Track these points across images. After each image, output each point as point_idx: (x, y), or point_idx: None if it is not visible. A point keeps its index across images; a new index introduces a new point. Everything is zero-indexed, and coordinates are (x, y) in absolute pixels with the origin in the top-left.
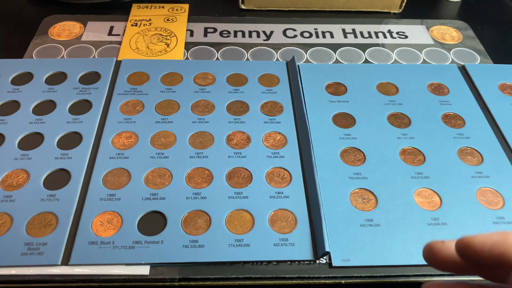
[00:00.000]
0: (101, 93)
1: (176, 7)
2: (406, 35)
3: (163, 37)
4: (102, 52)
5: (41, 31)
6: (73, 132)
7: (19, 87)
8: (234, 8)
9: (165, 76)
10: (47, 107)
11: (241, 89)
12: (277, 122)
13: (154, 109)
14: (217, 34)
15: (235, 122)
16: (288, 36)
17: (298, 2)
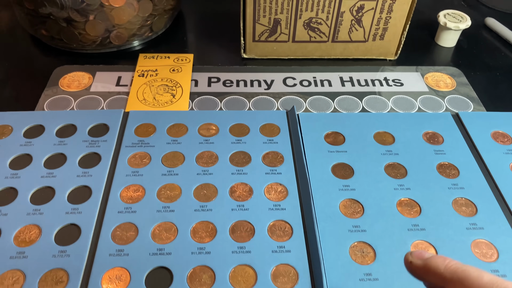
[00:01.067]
0: (109, 146)
1: (181, 57)
2: (402, 83)
3: (169, 88)
4: (111, 103)
5: (52, 82)
6: (83, 186)
7: (31, 140)
8: (236, 57)
9: (171, 127)
10: (58, 161)
11: (243, 140)
12: (278, 173)
13: (160, 161)
14: (220, 84)
15: (238, 173)
16: (288, 85)
17: (297, 51)
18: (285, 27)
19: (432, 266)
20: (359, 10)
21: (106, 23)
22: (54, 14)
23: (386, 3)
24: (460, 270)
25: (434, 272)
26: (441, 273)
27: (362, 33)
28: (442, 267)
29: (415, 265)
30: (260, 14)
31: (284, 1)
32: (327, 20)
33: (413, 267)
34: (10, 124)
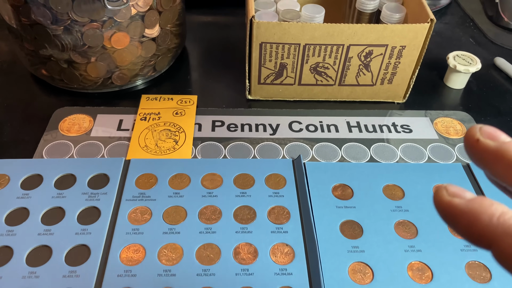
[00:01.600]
0: (109, 199)
1: (184, 99)
2: (411, 129)
3: (171, 133)
4: (111, 149)
5: (51, 126)
6: (81, 245)
7: (29, 192)
8: (241, 98)
9: (173, 178)
10: (56, 216)
11: (248, 192)
12: (285, 231)
13: (161, 218)
14: (225, 128)
15: (242, 231)
16: (294, 130)
17: (303, 94)
18: (291, 71)
19: (510, 153)
20: (368, 55)
21: (108, 64)
22: (55, 56)
23: (395, 49)
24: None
25: (510, 163)
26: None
27: (369, 77)
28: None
29: (484, 145)
30: (266, 59)
31: (291, 47)
32: (334, 65)
33: (480, 147)
34: (7, 173)
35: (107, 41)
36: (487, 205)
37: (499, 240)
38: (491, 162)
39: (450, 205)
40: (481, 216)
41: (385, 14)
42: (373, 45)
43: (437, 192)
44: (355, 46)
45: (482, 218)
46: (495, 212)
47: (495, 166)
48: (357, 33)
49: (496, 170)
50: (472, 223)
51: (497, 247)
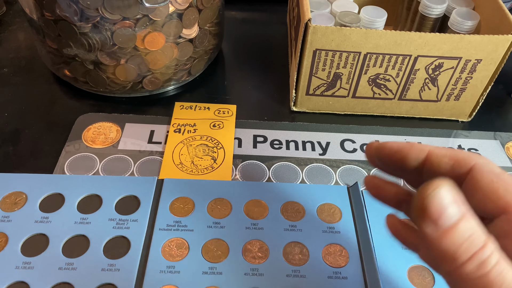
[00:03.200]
0: (140, 228)
1: (222, 109)
2: (479, 153)
3: (209, 149)
4: (142, 166)
5: (74, 135)
6: (107, 285)
7: (49, 216)
8: (284, 109)
9: (212, 204)
10: (80, 246)
11: (298, 226)
12: (344, 277)
13: (200, 253)
14: (268, 145)
15: (294, 275)
16: (347, 150)
17: (356, 107)
18: (346, 82)
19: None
20: (436, 68)
21: (140, 67)
22: (80, 56)
23: (469, 63)
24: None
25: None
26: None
27: (435, 92)
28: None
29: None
30: (319, 68)
31: (349, 56)
32: (396, 77)
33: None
34: (24, 191)
35: (139, 42)
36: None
37: (433, 151)
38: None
39: (388, 146)
40: (413, 143)
41: (455, 21)
42: (445, 58)
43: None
44: (424, 58)
45: (415, 144)
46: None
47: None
48: (428, 43)
49: None
50: (411, 147)
51: (434, 156)
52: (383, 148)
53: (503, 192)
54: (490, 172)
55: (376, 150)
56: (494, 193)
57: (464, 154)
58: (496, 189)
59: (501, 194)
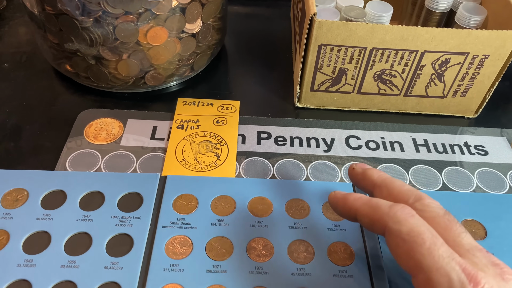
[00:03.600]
0: (143, 225)
1: (226, 105)
2: (486, 151)
3: (212, 146)
4: (144, 162)
5: (76, 131)
6: (111, 283)
7: (51, 213)
8: (288, 106)
9: (216, 201)
10: (82, 243)
11: (303, 223)
12: (349, 275)
13: (204, 251)
14: (272, 141)
15: (299, 273)
16: (352, 146)
17: (362, 103)
18: (351, 77)
19: (368, 173)
20: (443, 64)
21: (142, 62)
22: (82, 51)
23: (477, 58)
24: (388, 180)
25: (369, 177)
26: (374, 179)
27: (441, 88)
28: (375, 175)
29: (356, 171)
30: (324, 63)
31: (355, 51)
32: (402, 73)
33: (353, 172)
34: (26, 188)
35: (142, 37)
36: (353, 194)
37: (359, 209)
38: (359, 180)
39: (334, 197)
40: (349, 199)
41: (462, 16)
42: (452, 53)
43: (330, 194)
44: (431, 53)
45: (349, 199)
46: (357, 195)
47: (362, 182)
48: (435, 38)
49: (362, 183)
50: (345, 203)
51: (358, 213)
52: (329, 200)
53: (405, 257)
54: (397, 236)
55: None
56: (400, 258)
57: (380, 215)
58: (400, 254)
59: (404, 260)
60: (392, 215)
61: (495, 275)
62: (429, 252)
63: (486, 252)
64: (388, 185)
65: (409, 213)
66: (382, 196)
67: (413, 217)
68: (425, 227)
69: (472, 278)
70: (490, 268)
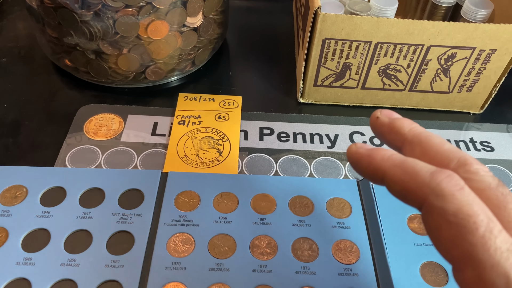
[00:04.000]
0: (145, 223)
1: (228, 100)
2: (492, 147)
3: (214, 142)
4: (145, 159)
5: (75, 126)
6: (111, 281)
7: (50, 210)
8: (290, 101)
9: (218, 198)
10: (82, 241)
11: (307, 221)
12: (354, 274)
13: (207, 249)
14: (274, 137)
15: (303, 272)
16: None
17: (366, 99)
18: (355, 72)
19: (397, 125)
20: (449, 59)
21: (142, 57)
22: (82, 45)
23: (483, 53)
24: (423, 135)
25: (397, 130)
26: (404, 133)
27: (447, 83)
28: (407, 129)
29: (381, 121)
30: (328, 58)
31: (360, 45)
32: (407, 68)
33: (378, 123)
34: (25, 184)
35: (142, 30)
36: (381, 150)
37: (387, 171)
38: (386, 133)
39: (356, 153)
40: (376, 156)
41: (468, 10)
42: (458, 47)
43: (349, 146)
44: (437, 48)
45: (377, 157)
46: (386, 153)
47: (388, 135)
48: (441, 32)
49: (389, 137)
50: (370, 162)
51: (386, 176)
52: (349, 155)
53: (449, 243)
54: (440, 215)
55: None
56: (441, 243)
57: (418, 183)
58: (443, 239)
59: (447, 247)
60: (434, 186)
61: None
62: (483, 243)
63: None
64: (422, 142)
65: (457, 185)
66: (414, 156)
67: (462, 192)
68: (478, 206)
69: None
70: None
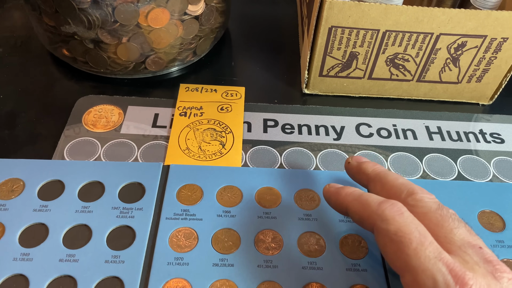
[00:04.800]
0: (146, 217)
1: (230, 91)
2: (502, 139)
3: (217, 134)
4: (146, 151)
5: (74, 118)
6: (112, 278)
7: (48, 204)
8: (295, 92)
9: (221, 191)
10: (81, 236)
11: (313, 215)
12: (363, 269)
13: (210, 244)
14: (279, 129)
15: (310, 267)
16: (363, 134)
17: (372, 89)
18: (362, 62)
19: (363, 167)
20: (459, 48)
21: (142, 46)
22: (80, 34)
23: (495, 41)
24: (382, 173)
25: (363, 171)
26: (368, 173)
27: (456, 73)
28: (370, 169)
29: (351, 165)
30: (334, 47)
31: (367, 34)
32: (416, 57)
33: (349, 166)
34: (22, 177)
35: (142, 19)
36: (346, 188)
37: (349, 204)
38: (355, 174)
39: (328, 191)
40: (341, 193)
41: None
42: (469, 36)
43: (324, 187)
44: (446, 36)
45: (341, 194)
46: (349, 190)
47: (357, 176)
48: (452, 20)
49: (358, 177)
50: (337, 198)
51: (348, 209)
52: (323, 193)
53: (393, 256)
54: (384, 235)
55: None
56: (388, 257)
57: (369, 212)
58: (388, 253)
59: (392, 259)
60: (380, 213)
61: (486, 273)
62: (415, 253)
63: (479, 249)
64: (382, 179)
65: (397, 211)
66: (376, 190)
67: (401, 216)
68: (413, 225)
69: (459, 279)
70: (482, 266)
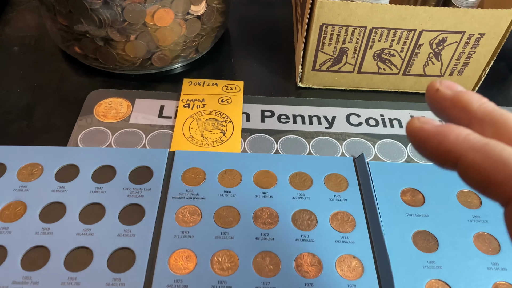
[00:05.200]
0: (154, 196)
1: (230, 85)
2: None
3: (218, 123)
4: (153, 139)
5: (86, 110)
6: (124, 249)
7: (65, 185)
8: (290, 85)
9: (223, 174)
10: (96, 213)
11: (306, 194)
12: (351, 241)
13: (213, 219)
14: (275, 119)
15: (303, 240)
16: (352, 123)
17: (362, 83)
18: (351, 57)
19: (464, 100)
20: (440, 43)
21: (148, 44)
22: (91, 32)
23: (473, 36)
24: (497, 113)
25: (464, 106)
26: (473, 110)
27: (438, 67)
28: (476, 105)
29: (442, 94)
30: (325, 43)
31: (355, 30)
32: (401, 52)
33: (438, 96)
34: (40, 162)
35: (149, 18)
36: (454, 127)
37: (464, 155)
38: (448, 108)
39: (422, 130)
40: (449, 135)
41: None
42: (448, 32)
43: (410, 121)
44: (428, 32)
45: (450, 137)
46: (462, 131)
47: (451, 111)
48: (432, 17)
49: (453, 112)
50: (440, 142)
51: (462, 162)
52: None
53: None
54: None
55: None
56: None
57: (506, 176)
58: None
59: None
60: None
61: None
62: None
63: None
64: (496, 122)
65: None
66: (486, 136)
67: None
68: None
69: None
70: None
